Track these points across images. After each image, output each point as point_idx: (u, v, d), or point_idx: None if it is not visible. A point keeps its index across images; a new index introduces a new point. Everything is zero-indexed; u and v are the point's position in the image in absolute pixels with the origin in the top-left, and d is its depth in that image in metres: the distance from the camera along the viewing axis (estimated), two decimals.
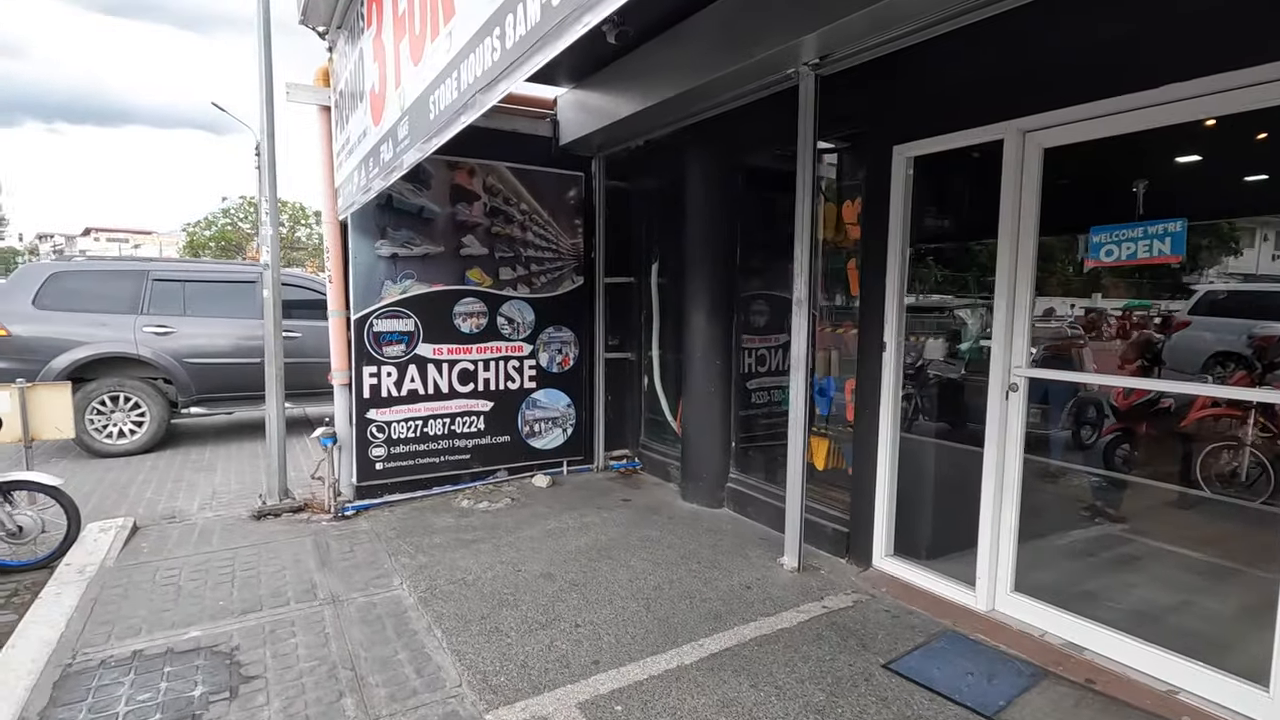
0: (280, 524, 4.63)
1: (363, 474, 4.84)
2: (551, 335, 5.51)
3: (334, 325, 4.78)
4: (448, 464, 5.15)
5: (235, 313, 7.17)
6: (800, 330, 3.64)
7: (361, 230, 4.68)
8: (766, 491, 4.57)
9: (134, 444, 6.64)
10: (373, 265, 4.74)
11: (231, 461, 6.45)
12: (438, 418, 5.07)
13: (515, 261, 5.30)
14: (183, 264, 7.67)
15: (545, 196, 5.39)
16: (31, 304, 6.36)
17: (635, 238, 5.87)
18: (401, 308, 4.86)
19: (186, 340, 6.84)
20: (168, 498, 5.35)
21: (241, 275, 7.38)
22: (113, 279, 6.77)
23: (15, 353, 6.26)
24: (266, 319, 4.84)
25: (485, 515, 4.71)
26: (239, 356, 7.05)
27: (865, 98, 3.65)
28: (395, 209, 4.79)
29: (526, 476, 5.50)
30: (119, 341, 6.57)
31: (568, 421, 5.64)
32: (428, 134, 2.44)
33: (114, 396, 6.56)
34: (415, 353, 4.94)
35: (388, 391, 4.86)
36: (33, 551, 4.15)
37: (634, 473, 5.81)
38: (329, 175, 4.63)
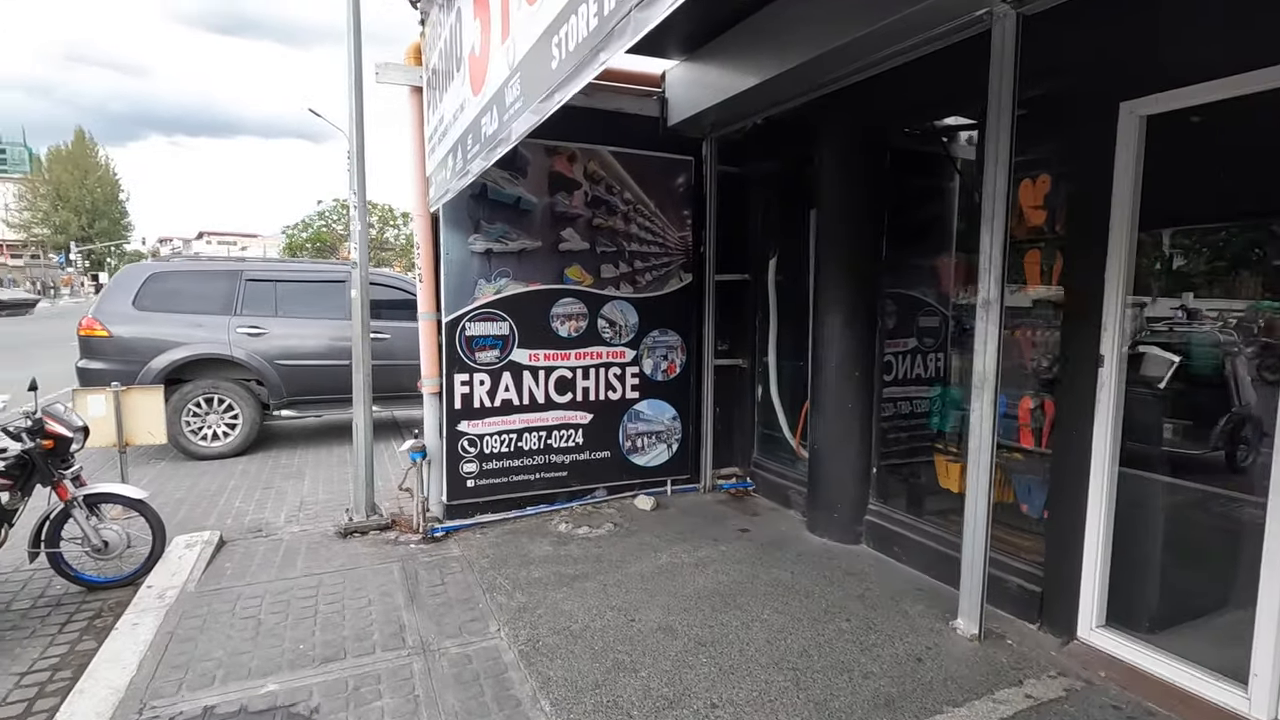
0: (366, 545, 4.26)
1: (453, 492, 4.41)
2: (656, 339, 4.92)
3: (424, 329, 4.36)
4: (543, 482, 4.65)
5: (325, 313, 6.98)
6: (991, 339, 2.89)
7: (454, 224, 4.24)
8: (918, 529, 3.81)
9: (227, 447, 6.54)
10: (466, 263, 4.29)
11: (320, 468, 6.23)
12: (533, 431, 4.58)
13: (618, 257, 4.75)
14: (274, 264, 7.59)
15: (651, 184, 4.80)
16: (131, 305, 6.34)
17: (750, 230, 5.20)
18: (496, 309, 4.39)
19: (278, 341, 6.69)
20: (255, 508, 5.11)
21: (331, 275, 7.19)
22: (207, 279, 6.70)
23: (117, 353, 6.24)
24: (354, 320, 4.48)
25: (586, 543, 4.18)
26: (328, 358, 6.85)
27: (1083, 41, 2.85)
28: (490, 200, 4.32)
29: (627, 497, 4.94)
30: (213, 343, 6.47)
31: (673, 436, 5.05)
32: (549, 88, 1.88)
33: (208, 398, 6.47)
34: (510, 359, 4.46)
35: (480, 401, 4.41)
36: (118, 568, 3.93)
37: (746, 495, 5.15)
38: (419, 163, 4.21)
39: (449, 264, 4.25)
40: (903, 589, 3.56)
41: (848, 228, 4.08)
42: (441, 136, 3.55)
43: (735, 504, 4.97)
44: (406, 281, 7.61)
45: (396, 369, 7.07)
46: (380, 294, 7.28)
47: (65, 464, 3.76)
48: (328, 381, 6.86)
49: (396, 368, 7.06)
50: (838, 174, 4.11)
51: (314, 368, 6.80)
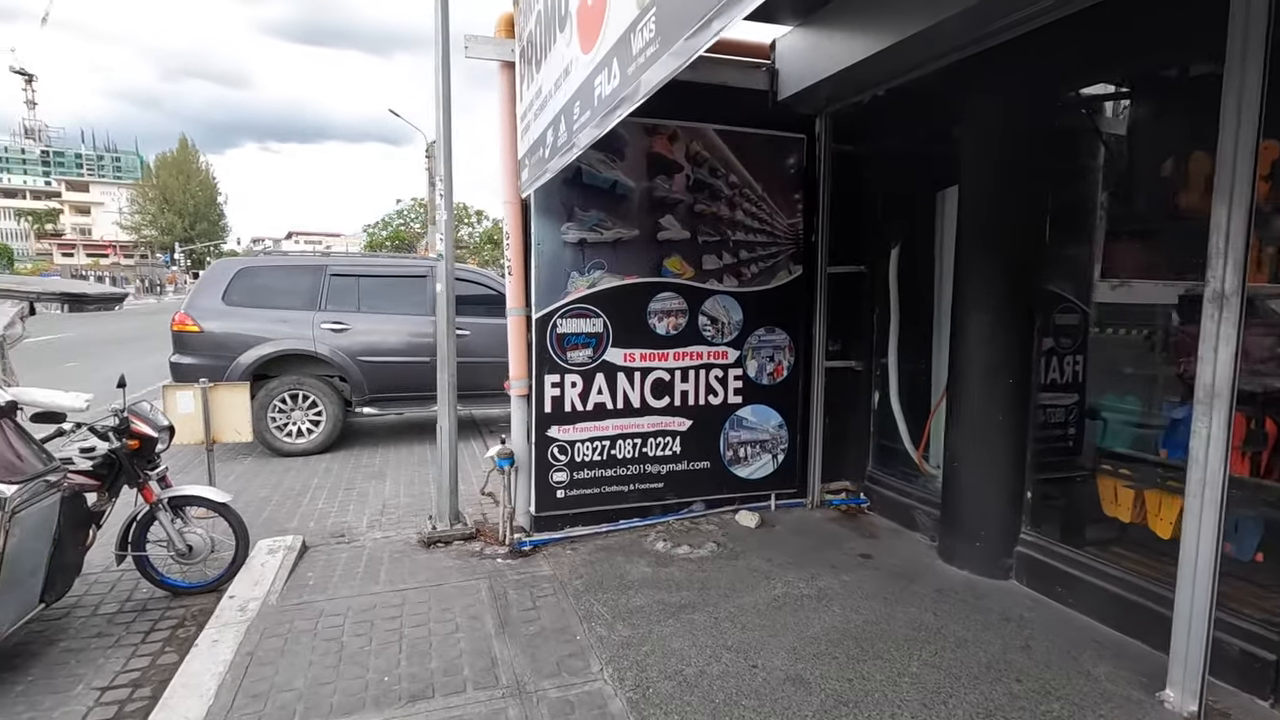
0: (451, 556, 3.97)
1: (542, 502, 4.06)
2: (762, 338, 4.44)
3: (513, 326, 4.03)
4: (637, 494, 4.25)
5: (406, 309, 6.83)
6: (1226, 343, 2.28)
7: (546, 212, 3.88)
8: (1090, 567, 3.19)
9: (311, 444, 6.47)
10: (558, 254, 3.93)
11: (401, 469, 6.05)
12: (627, 437, 4.18)
13: (721, 247, 4.29)
14: (357, 259, 7.53)
15: (759, 165, 4.32)
16: (221, 300, 6.35)
17: (866, 216, 4.63)
18: (589, 304, 4.01)
19: (361, 337, 6.57)
20: (338, 510, 4.94)
21: (412, 270, 7.04)
22: (293, 274, 6.65)
23: (208, 348, 6.26)
24: (439, 316, 4.21)
25: (688, 565, 3.75)
26: (410, 355, 6.69)
27: None
28: (584, 185, 3.95)
29: (727, 511, 4.48)
30: (299, 338, 6.40)
31: (779, 445, 4.55)
32: (704, 14, 1.44)
33: (293, 394, 6.41)
34: (603, 359, 4.08)
35: (571, 405, 4.05)
36: (203, 573, 3.77)
37: (858, 512, 4.60)
38: (510, 145, 3.87)
39: (540, 255, 3.90)
40: (1077, 641, 2.96)
41: (999, 209, 3.48)
42: (538, 112, 3.18)
43: (848, 523, 4.43)
44: (486, 276, 7.39)
45: (476, 366, 6.84)
46: (461, 289, 7.03)
47: (151, 464, 3.62)
48: (409, 379, 6.70)
49: (476, 365, 6.84)
50: (983, 147, 3.52)
51: (395, 364, 6.65)
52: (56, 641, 3.19)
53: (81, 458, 3.42)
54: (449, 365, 4.21)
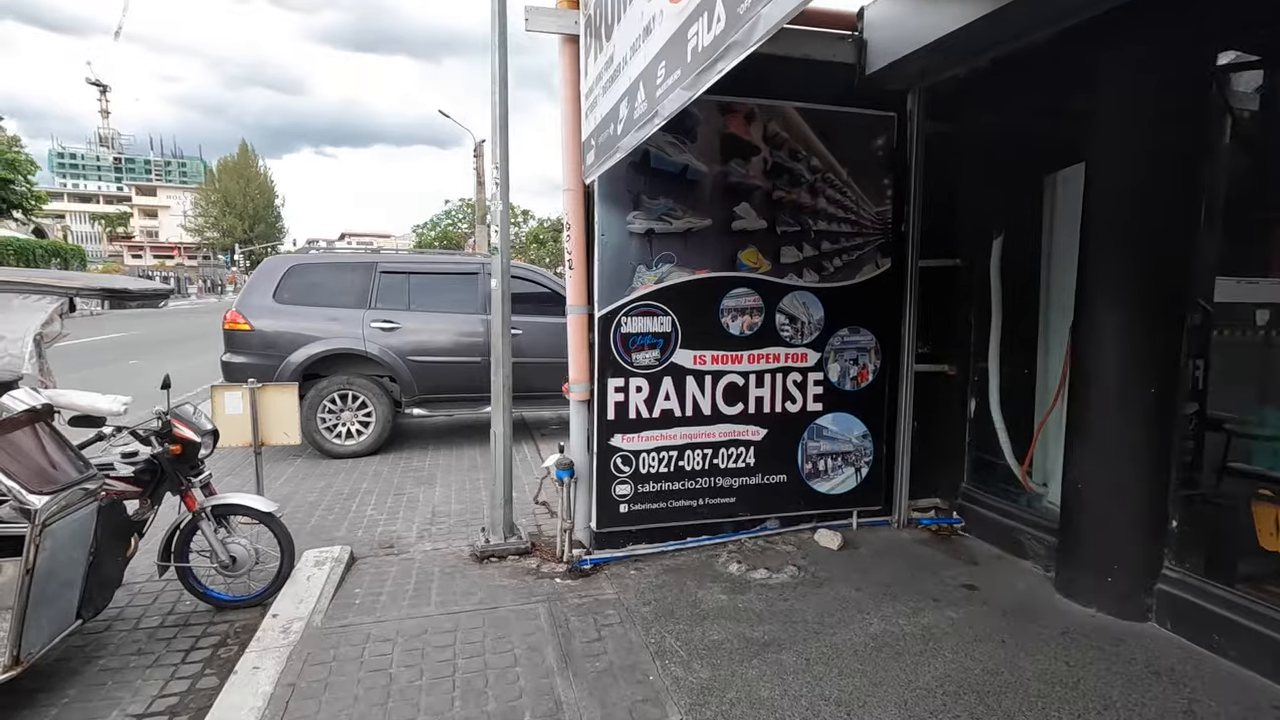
0: (505, 574, 3.67)
1: (604, 517, 3.73)
2: (845, 339, 4.01)
3: (573, 325, 3.70)
4: (706, 509, 3.88)
5: (457, 307, 6.61)
6: None
7: (610, 200, 3.54)
8: (1260, 615, 2.67)
9: (360, 445, 6.29)
10: (623, 246, 3.59)
11: (451, 473, 5.81)
12: (697, 448, 3.81)
13: (802, 238, 3.88)
14: (407, 256, 7.35)
15: (844, 147, 3.89)
16: (272, 298, 6.22)
17: (963, 203, 4.15)
18: (657, 302, 3.65)
19: (410, 336, 6.37)
20: (387, 517, 4.71)
21: (464, 267, 6.81)
22: (344, 272, 6.49)
23: (258, 347, 6.14)
24: (495, 315, 3.91)
25: (768, 592, 3.36)
26: (461, 355, 6.46)
27: None
28: (652, 169, 3.59)
29: (804, 529, 4.07)
30: (349, 337, 6.24)
31: (862, 458, 4.11)
32: None
33: (343, 395, 6.24)
34: (671, 361, 3.71)
35: (636, 411, 3.69)
36: (247, 586, 3.56)
37: (951, 534, 4.12)
38: (573, 126, 3.54)
39: (604, 248, 3.55)
40: (1254, 707, 2.46)
41: (1142, 194, 2.98)
42: (608, 85, 2.84)
43: (942, 546, 3.96)
44: (538, 273, 7.12)
45: (528, 367, 6.56)
46: (513, 287, 6.82)
47: (194, 470, 3.42)
48: (459, 379, 6.48)
49: (528, 366, 6.56)
50: (1131, 121, 3.02)
51: (446, 364, 6.43)
52: (95, 659, 3.00)
53: (123, 463, 3.23)
54: (504, 367, 3.91)
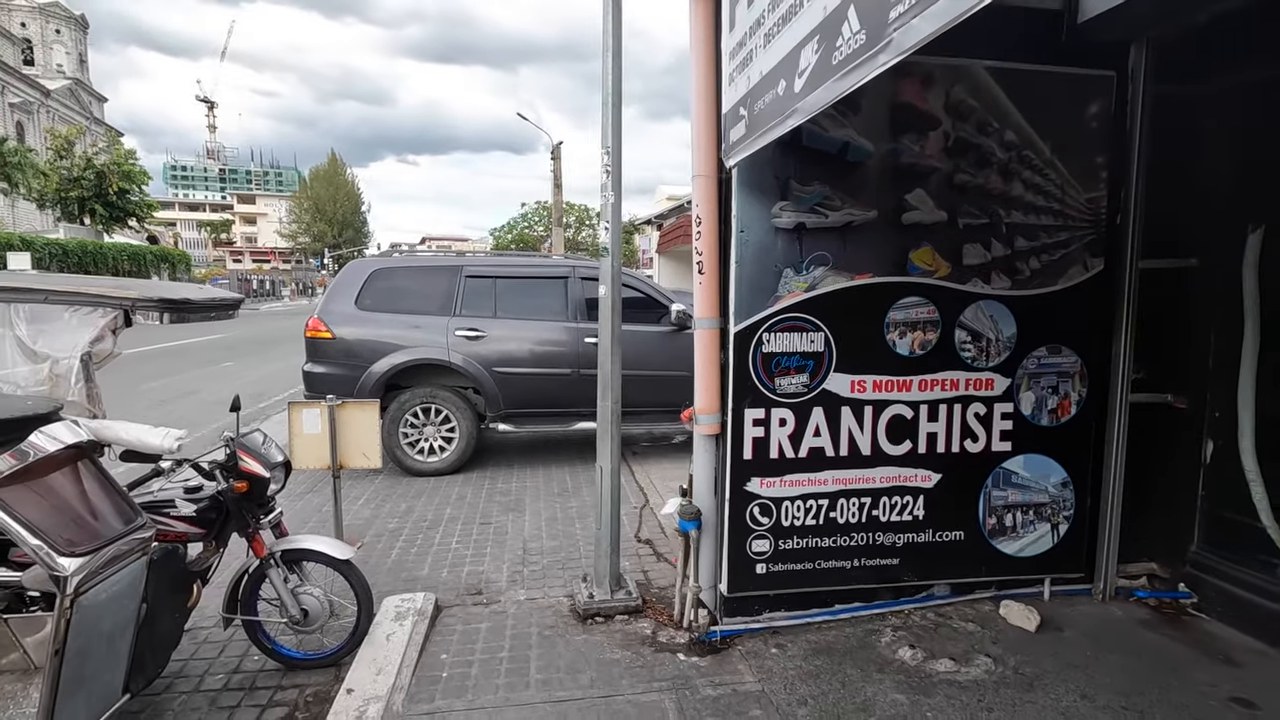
0: (616, 641, 3.03)
1: (737, 579, 3.03)
2: (1042, 362, 3.16)
3: (701, 342, 3.02)
4: (862, 571, 3.12)
5: (545, 314, 6.07)
6: None
7: (752, 187, 2.84)
8: None
9: (443, 463, 5.84)
10: (766, 245, 2.88)
11: (540, 499, 5.25)
12: (853, 495, 3.06)
13: (990, 233, 3.06)
14: (495, 259, 6.87)
15: (1046, 117, 3.05)
16: (354, 304, 5.85)
17: (1204, 187, 3.23)
18: (807, 314, 2.93)
19: (496, 346, 5.87)
20: (474, 553, 4.18)
21: (553, 270, 6.27)
22: (429, 276, 6.06)
23: (340, 356, 5.78)
24: (603, 328, 3.29)
25: (961, 694, 2.57)
26: (549, 366, 5.92)
27: None
28: (804, 149, 2.87)
29: (983, 599, 3.24)
30: (432, 346, 5.79)
31: (1060, 511, 3.25)
32: None
33: (425, 408, 5.80)
34: (823, 387, 2.98)
35: (779, 450, 2.98)
36: (320, 642, 3.07)
37: (1179, 611, 3.20)
38: (707, 94, 2.86)
39: (743, 247, 2.86)
40: None
41: None
42: (775, 31, 2.14)
43: (1173, 631, 3.05)
44: (630, 276, 6.49)
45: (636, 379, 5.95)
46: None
47: (264, 508, 2.95)
48: (547, 393, 5.94)
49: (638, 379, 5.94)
50: None
51: (533, 377, 5.90)
52: None
53: (185, 500, 2.78)
54: (613, 390, 3.28)
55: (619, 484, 3.41)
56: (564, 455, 6.48)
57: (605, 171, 3.19)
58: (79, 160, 28.96)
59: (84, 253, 24.48)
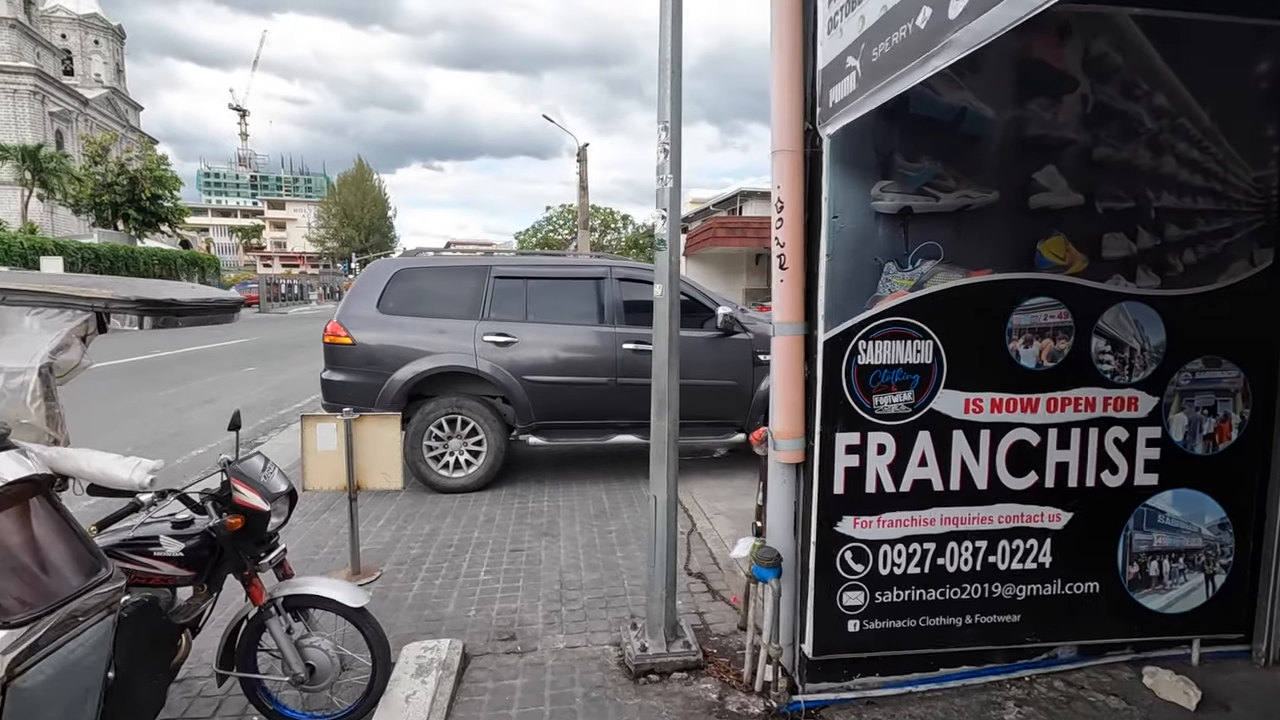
0: (676, 709, 2.53)
1: (823, 638, 2.50)
2: (1198, 377, 2.60)
3: (781, 351, 2.51)
4: (973, 630, 2.57)
5: (580, 318, 5.61)
6: None
7: (848, 164, 2.33)
8: None
9: (470, 479, 5.39)
10: (864, 234, 2.37)
11: (575, 521, 4.77)
12: (965, 538, 2.52)
13: (1137, 220, 2.51)
14: (525, 258, 6.40)
15: (1205, 77, 2.50)
16: (376, 308, 5.44)
17: None
18: (912, 318, 2.41)
19: (527, 352, 5.42)
20: (504, 587, 3.71)
21: (588, 270, 5.80)
22: (455, 277, 5.63)
23: (360, 363, 5.36)
24: (658, 336, 2.81)
25: None
26: (584, 374, 5.46)
27: None
28: (911, 117, 2.35)
29: (1117, 663, 2.68)
30: (459, 353, 5.36)
31: (1217, 557, 2.67)
32: None
33: (451, 419, 5.37)
34: (931, 407, 2.45)
35: (877, 482, 2.46)
36: (330, 702, 2.61)
37: None
38: (791, 51, 2.36)
39: (836, 237, 2.35)
40: None
41: None
42: None
43: None
44: None
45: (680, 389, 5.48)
46: (643, 292, 5.77)
47: (264, 546, 2.51)
48: (583, 403, 5.48)
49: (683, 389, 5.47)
50: None
51: (567, 385, 5.44)
52: None
53: (172, 536, 2.35)
54: (670, 409, 2.79)
55: (675, 517, 2.91)
56: (599, 471, 6.00)
57: (662, 150, 2.71)
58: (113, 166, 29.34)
59: (115, 257, 24.69)
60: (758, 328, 5.78)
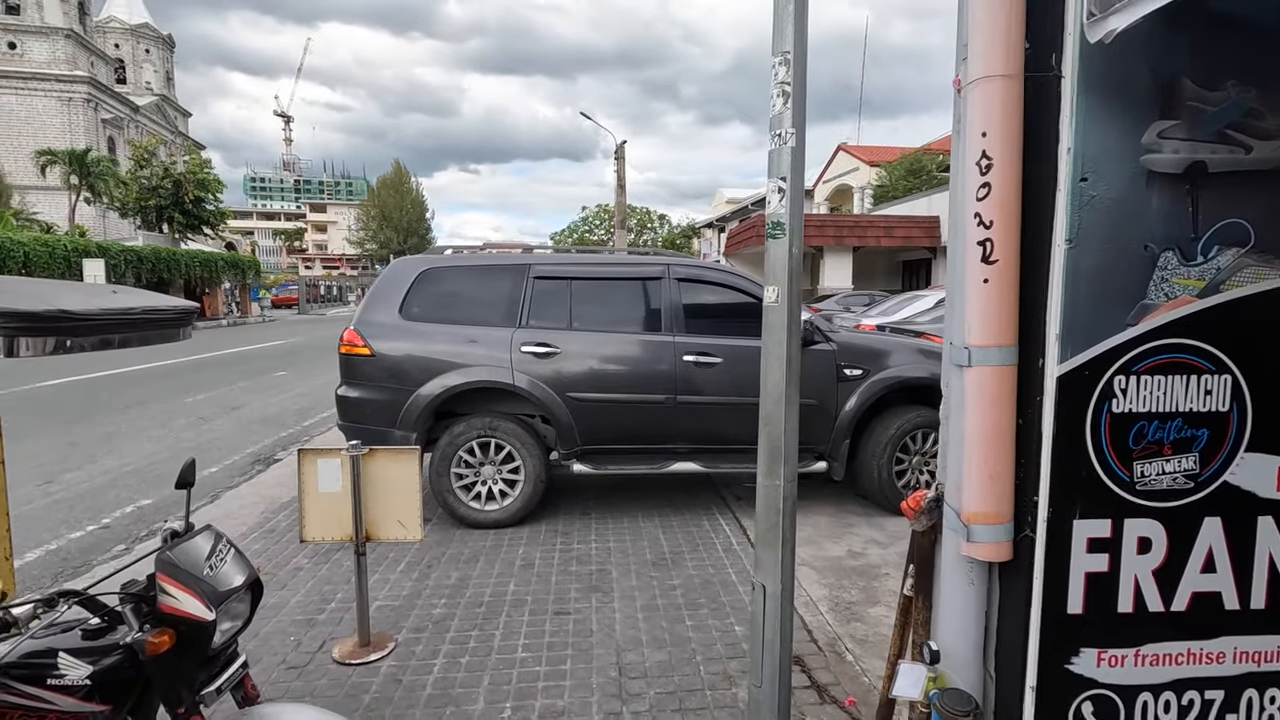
0: None
1: None
2: None
3: (980, 386, 1.63)
4: None
5: (632, 325, 4.81)
6: None
7: (1107, 94, 1.45)
8: None
9: (505, 512, 4.62)
10: (1128, 206, 1.49)
11: (630, 571, 3.95)
12: (1269, 683, 1.62)
13: None
14: (570, 256, 5.55)
15: None
16: (398, 313, 4.71)
17: None
18: (1202, 340, 1.52)
19: (571, 364, 4.63)
20: (548, 671, 2.91)
21: (643, 269, 4.98)
22: (488, 278, 4.87)
23: (380, 379, 4.63)
24: (771, 354, 1.97)
25: None
26: (638, 391, 4.64)
27: None
28: (1212, 14, 1.46)
29: None
30: (493, 365, 4.59)
31: None
32: None
33: (483, 443, 4.60)
34: (1224, 480, 1.56)
35: (1135, 596, 1.57)
36: None
37: None
38: None
39: (1083, 210, 1.47)
40: None
41: None
42: None
43: None
44: (737, 275, 5.15)
45: (722, 410, 4.64)
46: (701, 294, 4.93)
47: (211, 666, 1.74)
48: (636, 424, 4.68)
49: (723, 408, 4.63)
50: None
51: (619, 404, 4.63)
52: None
53: (74, 656, 1.60)
54: (788, 460, 1.94)
55: (791, 616, 2.06)
56: (653, 502, 5.18)
57: (781, 93, 1.87)
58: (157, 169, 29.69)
59: (158, 259, 24.81)
60: (841, 338, 4.91)
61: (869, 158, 30.86)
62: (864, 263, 22.69)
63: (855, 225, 22.10)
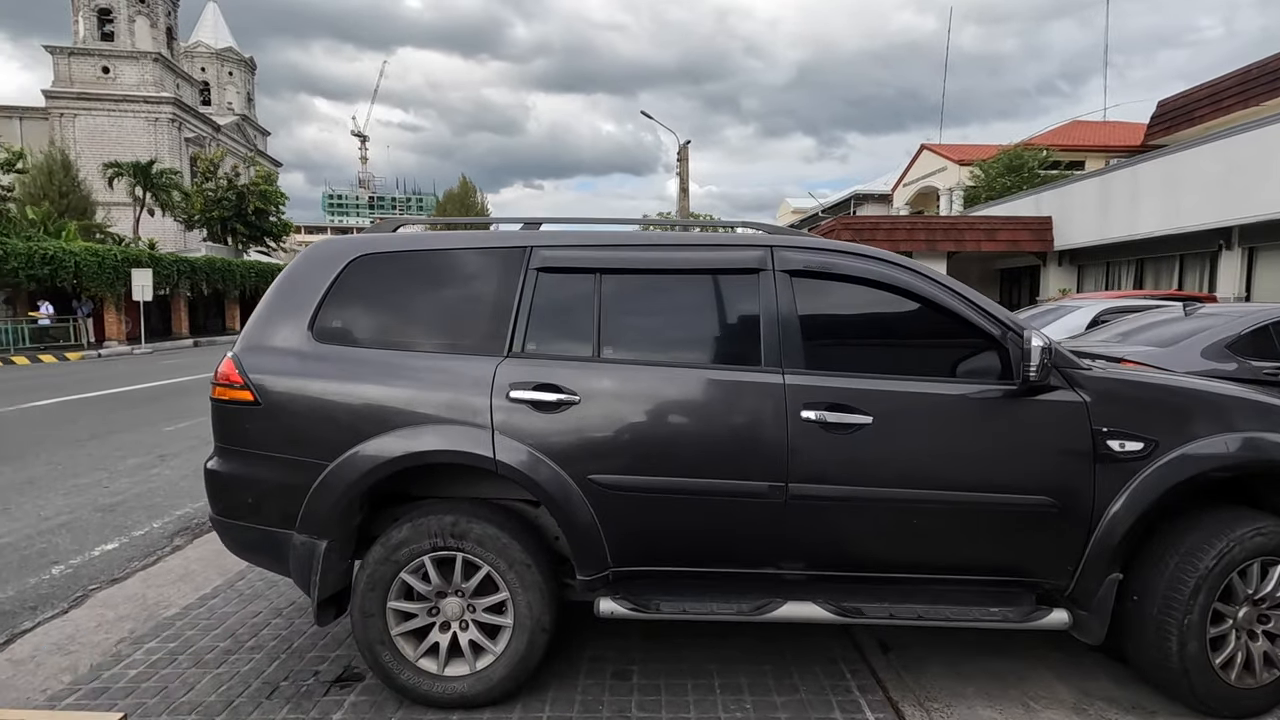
0: None
1: None
2: None
3: None
4: None
5: (703, 351, 2.74)
6: None
7: None
8: None
9: (480, 681, 2.60)
10: None
11: None
12: None
13: None
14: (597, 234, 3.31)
15: None
16: (308, 330, 2.76)
17: None
18: None
19: (600, 422, 2.59)
20: None
21: (726, 256, 2.85)
22: (460, 270, 2.88)
23: (274, 443, 2.68)
24: None
25: None
26: (714, 474, 2.55)
27: None
28: None
29: None
30: (457, 422, 2.58)
31: None
32: None
33: (443, 559, 2.59)
34: None
35: None
36: None
37: None
38: None
39: None
40: None
41: None
42: None
43: None
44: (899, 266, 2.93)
45: (872, 509, 2.50)
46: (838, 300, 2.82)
47: None
48: (716, 531, 2.58)
49: (874, 506, 2.50)
50: None
51: (683, 498, 2.55)
52: None
53: None
54: None
55: None
56: (737, 647, 3.02)
57: None
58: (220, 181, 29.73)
59: (212, 269, 24.45)
60: (1099, 379, 2.65)
61: (958, 156, 27.82)
62: (956, 271, 19.87)
63: (950, 228, 19.34)
